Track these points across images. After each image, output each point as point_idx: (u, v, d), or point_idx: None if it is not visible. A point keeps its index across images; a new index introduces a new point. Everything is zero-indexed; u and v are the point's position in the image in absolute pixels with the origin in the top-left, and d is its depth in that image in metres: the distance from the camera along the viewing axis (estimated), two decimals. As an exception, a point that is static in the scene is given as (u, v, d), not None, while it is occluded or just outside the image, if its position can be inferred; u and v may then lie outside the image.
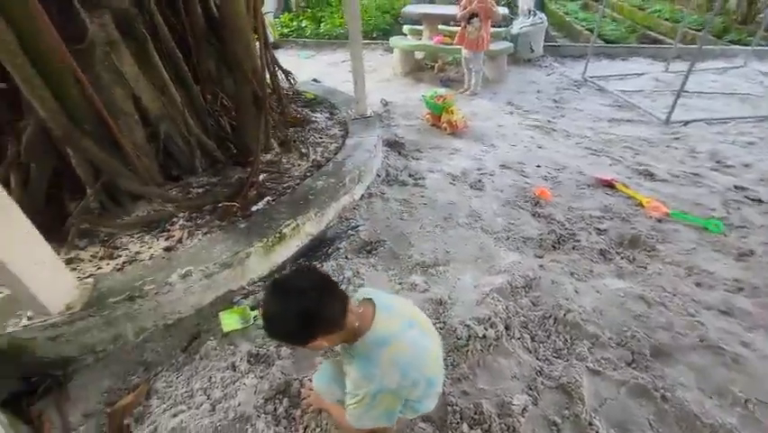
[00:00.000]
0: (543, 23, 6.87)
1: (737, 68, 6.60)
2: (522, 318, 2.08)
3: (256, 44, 3.08)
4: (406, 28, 7.20)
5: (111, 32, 2.35)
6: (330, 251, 2.58)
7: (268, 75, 3.32)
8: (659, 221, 2.89)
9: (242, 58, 2.88)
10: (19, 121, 2.29)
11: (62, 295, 1.80)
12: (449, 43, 6.11)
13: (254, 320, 2.06)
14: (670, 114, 4.61)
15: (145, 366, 1.89)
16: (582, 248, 2.63)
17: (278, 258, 2.43)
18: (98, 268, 2.12)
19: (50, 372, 1.80)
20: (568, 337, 1.99)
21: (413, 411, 1.34)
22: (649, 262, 2.52)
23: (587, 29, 8.26)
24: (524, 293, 2.25)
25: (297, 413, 1.66)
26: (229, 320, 2.05)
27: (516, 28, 6.84)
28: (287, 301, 1.04)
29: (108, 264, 2.14)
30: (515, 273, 2.35)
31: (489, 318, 2.01)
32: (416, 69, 6.73)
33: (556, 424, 1.62)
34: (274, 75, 3.68)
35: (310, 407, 1.66)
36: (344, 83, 5.15)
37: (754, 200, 3.12)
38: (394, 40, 6.65)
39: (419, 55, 6.97)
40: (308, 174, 3.01)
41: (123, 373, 1.86)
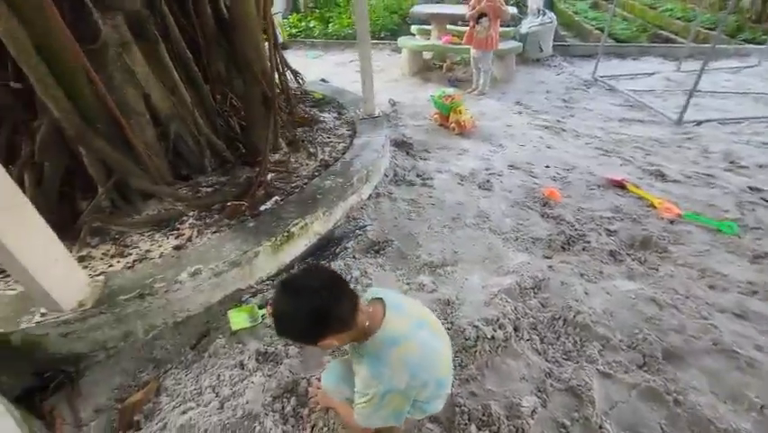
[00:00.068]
0: (552, 22, 6.83)
1: (751, 67, 6.50)
2: (531, 320, 2.07)
3: (265, 45, 3.10)
4: (414, 28, 7.20)
5: (124, 33, 2.38)
6: (338, 250, 2.58)
7: (277, 75, 3.34)
8: (671, 222, 2.84)
9: (252, 58, 2.89)
10: (33, 121, 2.33)
11: (74, 292, 1.83)
12: (457, 43, 6.09)
13: (262, 319, 2.07)
14: (682, 113, 4.54)
15: (155, 363, 1.91)
16: (592, 249, 2.60)
17: (286, 257, 2.43)
18: (109, 266, 2.14)
19: (63, 368, 1.82)
20: (578, 339, 1.97)
21: (421, 412, 1.33)
22: (661, 263, 2.48)
23: (597, 28, 8.18)
24: (532, 294, 2.23)
25: (305, 412, 1.66)
26: (237, 319, 2.06)
27: (525, 27, 6.81)
28: (298, 300, 1.04)
29: (119, 262, 2.17)
30: (523, 274, 2.33)
31: (497, 319, 1.99)
32: (425, 68, 6.73)
33: (566, 427, 1.60)
34: (283, 75, 3.70)
35: (318, 405, 1.66)
36: (352, 83, 5.16)
37: (769, 201, 3.06)
38: (402, 40, 6.65)
39: (427, 55, 6.97)
40: (316, 174, 3.02)
41: (133, 370, 1.88)
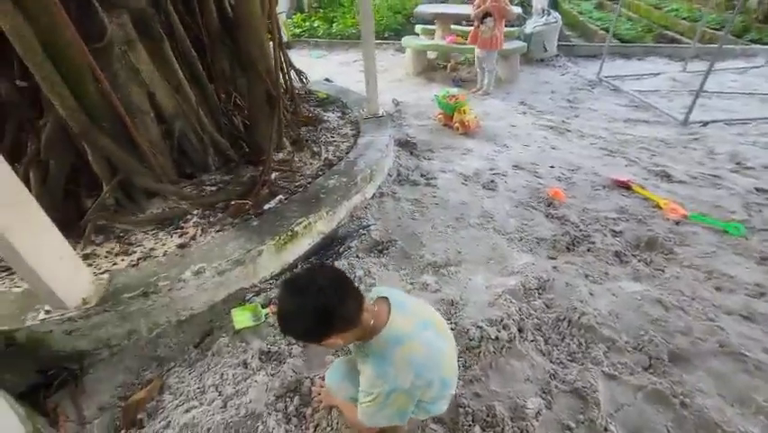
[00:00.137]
0: (557, 22, 6.80)
1: (758, 67, 6.45)
2: (535, 321, 2.05)
3: (270, 44, 3.10)
4: (418, 27, 7.19)
5: (129, 31, 2.39)
6: (341, 250, 2.57)
7: (281, 74, 3.34)
8: (677, 223, 2.82)
9: (257, 57, 2.89)
10: (39, 119, 2.34)
11: (79, 290, 1.83)
12: (462, 43, 6.08)
13: (266, 318, 2.07)
14: (688, 114, 4.51)
15: (158, 362, 1.91)
16: (597, 250, 2.58)
17: (289, 256, 2.43)
18: (113, 264, 2.15)
19: (66, 365, 1.82)
20: (582, 341, 1.95)
21: (425, 412, 1.33)
22: (666, 265, 2.46)
23: (602, 28, 8.13)
24: (537, 295, 2.22)
25: (308, 411, 1.66)
26: (241, 317, 2.06)
27: (530, 27, 6.78)
28: (303, 298, 1.04)
29: (123, 260, 2.17)
30: (528, 275, 2.32)
31: (501, 320, 1.98)
32: (429, 68, 6.71)
33: (571, 429, 1.58)
34: (287, 74, 3.70)
35: (321, 404, 1.66)
36: (356, 83, 5.16)
37: (776, 203, 3.03)
38: (406, 39, 6.64)
39: (431, 55, 6.95)
40: (320, 173, 3.02)
41: (136, 368, 1.88)
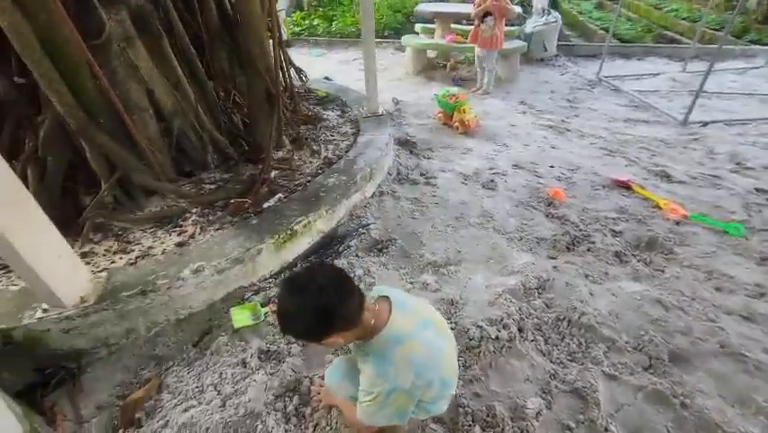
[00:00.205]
0: (556, 21, 6.79)
1: (757, 68, 6.46)
2: (535, 320, 2.05)
3: (270, 42, 3.08)
4: (418, 26, 7.17)
5: (128, 27, 2.37)
6: (341, 249, 2.56)
7: (280, 72, 3.33)
8: (677, 223, 2.82)
9: (256, 55, 2.88)
10: (37, 115, 2.33)
11: (77, 288, 1.82)
12: (461, 42, 6.06)
13: (265, 317, 2.06)
14: (688, 114, 4.51)
15: (157, 361, 1.90)
16: (597, 250, 2.58)
17: (289, 255, 2.42)
18: (112, 262, 2.13)
19: (64, 364, 1.81)
20: (582, 341, 1.95)
21: (425, 412, 1.32)
22: (666, 265, 2.46)
23: (601, 28, 8.13)
24: (537, 295, 2.21)
25: (307, 411, 1.65)
26: (240, 316, 2.05)
27: (530, 27, 6.78)
28: (304, 297, 1.03)
29: (121, 258, 2.15)
30: (528, 274, 2.31)
31: (501, 319, 1.97)
32: (428, 67, 6.70)
33: (571, 429, 1.58)
34: (287, 72, 3.68)
35: (320, 404, 1.65)
36: (356, 81, 5.14)
37: (776, 203, 3.03)
38: (406, 38, 6.62)
39: (431, 54, 6.94)
40: (320, 171, 3.00)
41: (135, 367, 1.87)
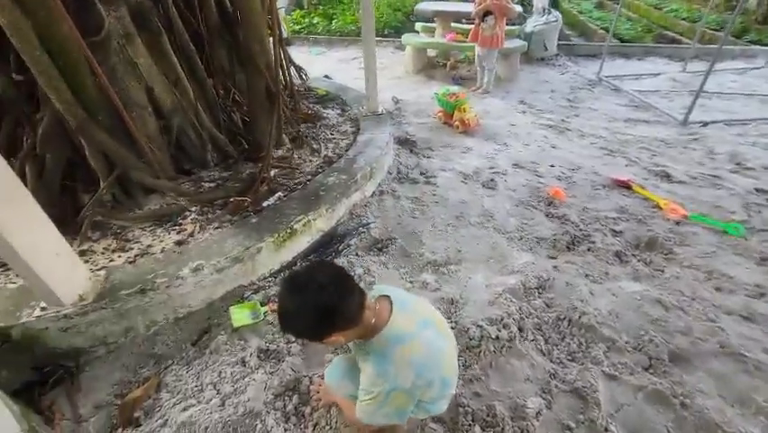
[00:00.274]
0: (557, 21, 6.78)
1: (758, 68, 6.47)
2: (535, 320, 2.04)
3: (270, 40, 3.07)
4: (418, 25, 7.15)
5: (127, 24, 2.35)
6: (340, 248, 2.56)
7: (280, 70, 3.31)
8: (677, 223, 2.82)
9: (257, 53, 2.86)
10: (35, 113, 2.31)
11: (75, 287, 1.81)
12: (462, 41, 6.05)
13: (264, 316, 2.05)
14: (688, 114, 4.51)
15: (156, 359, 1.89)
16: (597, 250, 2.58)
17: (288, 254, 2.41)
18: (110, 260, 2.12)
19: (62, 362, 1.80)
20: (583, 340, 1.95)
21: (425, 412, 1.32)
22: (666, 265, 2.46)
23: (602, 28, 8.13)
24: (537, 294, 2.21)
25: (307, 410, 1.64)
26: (239, 315, 2.04)
27: (530, 26, 6.77)
28: (305, 296, 1.02)
29: (120, 257, 2.15)
30: (528, 274, 2.31)
31: (501, 319, 1.97)
32: (428, 66, 6.68)
33: (571, 429, 1.58)
34: (286, 71, 3.67)
35: (320, 403, 1.65)
36: (355, 80, 5.13)
37: (775, 204, 3.03)
38: (406, 37, 6.61)
39: (431, 53, 6.92)
40: (319, 170, 2.99)
41: (133, 366, 1.86)
